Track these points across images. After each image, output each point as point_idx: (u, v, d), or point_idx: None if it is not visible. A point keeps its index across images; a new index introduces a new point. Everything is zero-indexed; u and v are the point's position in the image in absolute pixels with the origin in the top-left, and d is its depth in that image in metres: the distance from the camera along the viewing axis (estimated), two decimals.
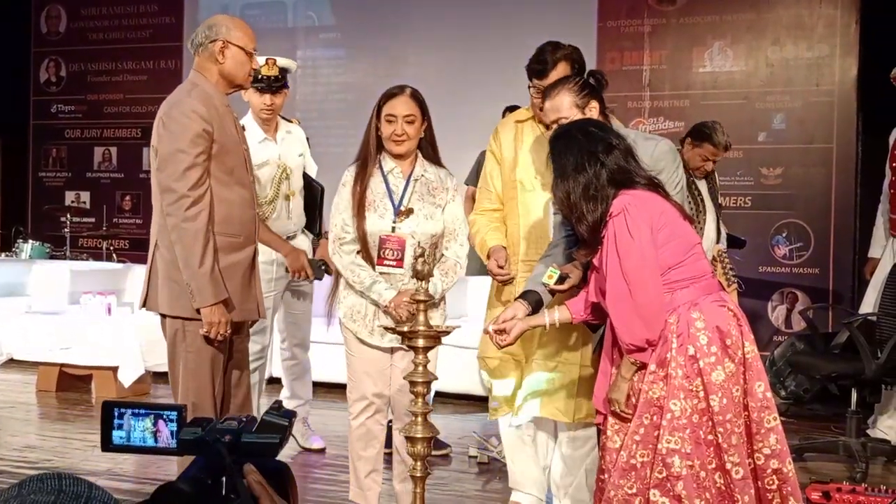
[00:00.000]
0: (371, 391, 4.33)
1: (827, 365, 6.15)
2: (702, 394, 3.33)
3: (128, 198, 11.24)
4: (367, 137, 4.31)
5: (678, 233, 3.42)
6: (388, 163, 4.30)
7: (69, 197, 11.61)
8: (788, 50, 8.79)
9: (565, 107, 3.92)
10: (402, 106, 4.23)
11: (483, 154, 5.00)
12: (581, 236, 3.49)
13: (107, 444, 1.61)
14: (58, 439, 6.31)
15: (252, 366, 4.99)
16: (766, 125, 8.81)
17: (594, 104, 3.95)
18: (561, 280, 3.78)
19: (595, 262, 3.48)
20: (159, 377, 4.43)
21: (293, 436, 5.67)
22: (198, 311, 4.00)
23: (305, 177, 5.63)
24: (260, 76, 5.22)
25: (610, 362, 3.55)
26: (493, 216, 4.28)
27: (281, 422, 1.59)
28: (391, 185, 4.27)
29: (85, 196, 11.60)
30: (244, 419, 1.59)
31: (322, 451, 5.96)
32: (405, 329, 3.60)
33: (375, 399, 4.34)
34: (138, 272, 6.14)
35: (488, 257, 4.16)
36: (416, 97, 4.28)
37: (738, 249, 7.11)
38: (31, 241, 10.50)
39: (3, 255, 10.80)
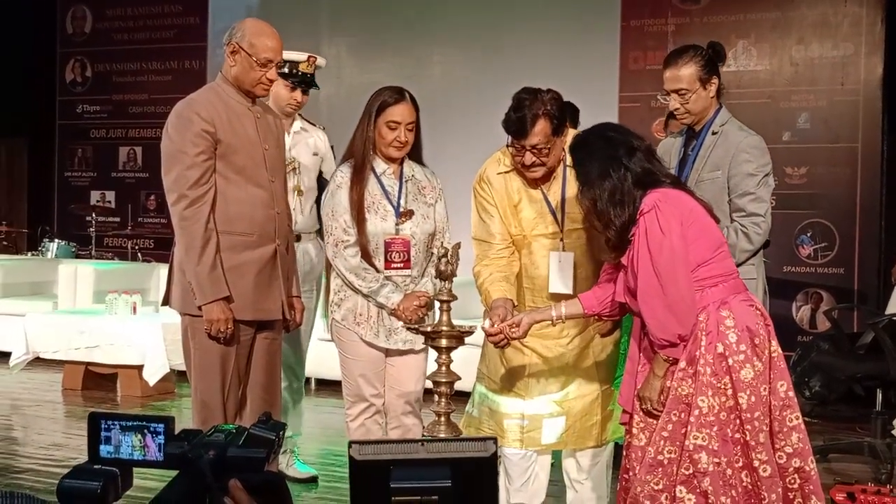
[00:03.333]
0: (369, 393, 4.31)
1: (852, 365, 6.13)
2: (730, 391, 3.33)
3: (153, 197, 11.28)
4: (363, 139, 4.26)
5: (706, 230, 3.43)
6: (379, 164, 4.28)
7: (94, 196, 11.68)
8: (813, 49, 8.75)
9: (688, 78, 4.02)
10: (405, 113, 4.22)
11: None
12: (608, 240, 3.49)
13: (95, 458, 1.61)
14: (83, 437, 6.32)
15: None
16: (791, 124, 8.76)
17: (715, 80, 4.06)
18: None
19: (623, 261, 3.48)
20: (184, 376, 4.45)
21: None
22: (200, 308, 4.05)
23: (322, 181, 5.53)
24: (297, 72, 5.17)
25: (635, 362, 3.55)
26: (501, 262, 3.98)
27: (268, 435, 1.57)
28: (387, 187, 4.26)
29: (110, 196, 11.66)
30: (233, 431, 1.58)
31: (314, 479, 5.47)
32: (428, 329, 3.61)
33: (374, 400, 4.32)
34: (163, 271, 6.20)
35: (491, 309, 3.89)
36: (415, 101, 4.28)
37: (763, 249, 7.08)
38: (56, 240, 10.58)
39: (29, 254, 10.89)
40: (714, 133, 4.10)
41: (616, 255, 3.49)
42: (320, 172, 5.45)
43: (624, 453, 3.59)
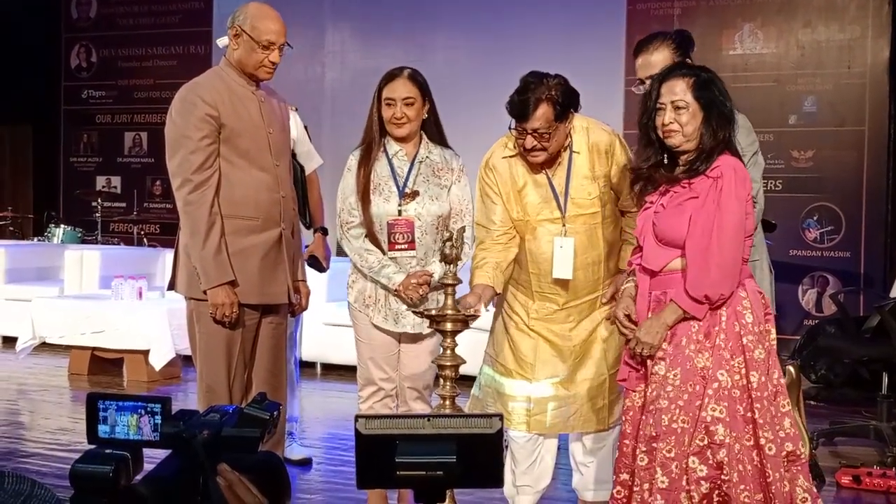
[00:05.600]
0: (378, 376, 4.31)
1: (858, 349, 6.12)
2: (743, 370, 3.40)
3: (158, 183, 11.29)
4: (370, 121, 4.25)
5: (752, 211, 3.52)
6: (392, 146, 4.25)
7: (100, 182, 11.69)
8: (820, 32, 8.72)
9: (661, 63, 3.93)
10: (400, 88, 4.17)
11: None
12: (686, 162, 3.51)
13: (93, 438, 1.61)
14: None
15: None
16: (797, 108, 8.74)
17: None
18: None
19: (663, 202, 3.52)
20: (190, 361, 4.45)
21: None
22: (205, 292, 4.06)
23: (294, 163, 5.43)
24: None
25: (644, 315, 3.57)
26: (497, 248, 3.97)
27: (262, 415, 1.58)
28: (396, 168, 4.23)
29: (116, 181, 11.68)
30: (229, 411, 1.58)
31: (308, 462, 5.45)
32: (433, 313, 3.61)
33: (384, 384, 4.33)
34: (168, 256, 6.21)
35: None
36: (415, 78, 4.21)
37: (768, 233, 7.07)
38: (62, 225, 10.59)
39: (35, 239, 10.90)
40: None
41: (680, 179, 3.51)
42: (293, 154, 5.39)
43: (622, 418, 3.62)
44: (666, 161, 3.56)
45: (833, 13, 8.68)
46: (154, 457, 1.58)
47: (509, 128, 3.92)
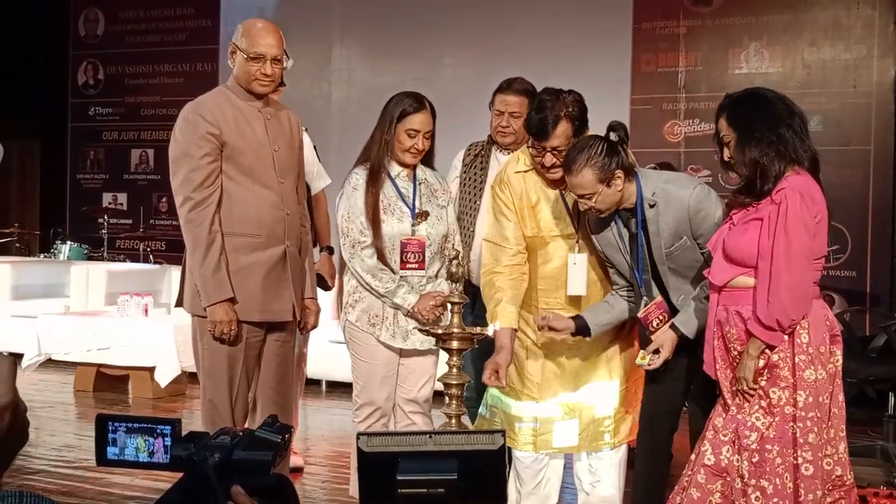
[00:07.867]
0: (381, 397, 4.32)
1: (864, 368, 6.11)
2: (793, 388, 3.46)
3: (164, 199, 11.31)
4: (380, 142, 4.29)
5: (822, 232, 3.53)
6: (393, 167, 4.32)
7: (106, 199, 11.71)
8: (825, 51, 8.72)
9: (590, 184, 3.72)
10: (425, 122, 4.27)
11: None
12: (752, 185, 3.53)
13: (102, 459, 1.60)
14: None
15: None
16: None
17: (619, 174, 3.74)
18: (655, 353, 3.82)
19: (735, 219, 3.55)
20: (196, 377, 4.46)
21: None
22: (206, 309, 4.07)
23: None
24: None
25: (711, 329, 3.61)
26: (514, 275, 4.00)
27: (273, 438, 1.57)
28: (401, 189, 4.29)
29: (122, 198, 11.70)
30: (239, 434, 1.57)
31: (300, 470, 5.52)
32: (439, 331, 3.61)
33: (384, 404, 4.34)
34: (175, 273, 6.20)
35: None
36: (433, 111, 4.33)
37: None
38: (69, 242, 10.61)
39: (41, 256, 10.92)
40: (651, 206, 3.82)
41: (749, 201, 3.53)
42: None
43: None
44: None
45: (839, 33, 8.69)
46: (166, 479, 1.57)
47: (528, 145, 3.95)
